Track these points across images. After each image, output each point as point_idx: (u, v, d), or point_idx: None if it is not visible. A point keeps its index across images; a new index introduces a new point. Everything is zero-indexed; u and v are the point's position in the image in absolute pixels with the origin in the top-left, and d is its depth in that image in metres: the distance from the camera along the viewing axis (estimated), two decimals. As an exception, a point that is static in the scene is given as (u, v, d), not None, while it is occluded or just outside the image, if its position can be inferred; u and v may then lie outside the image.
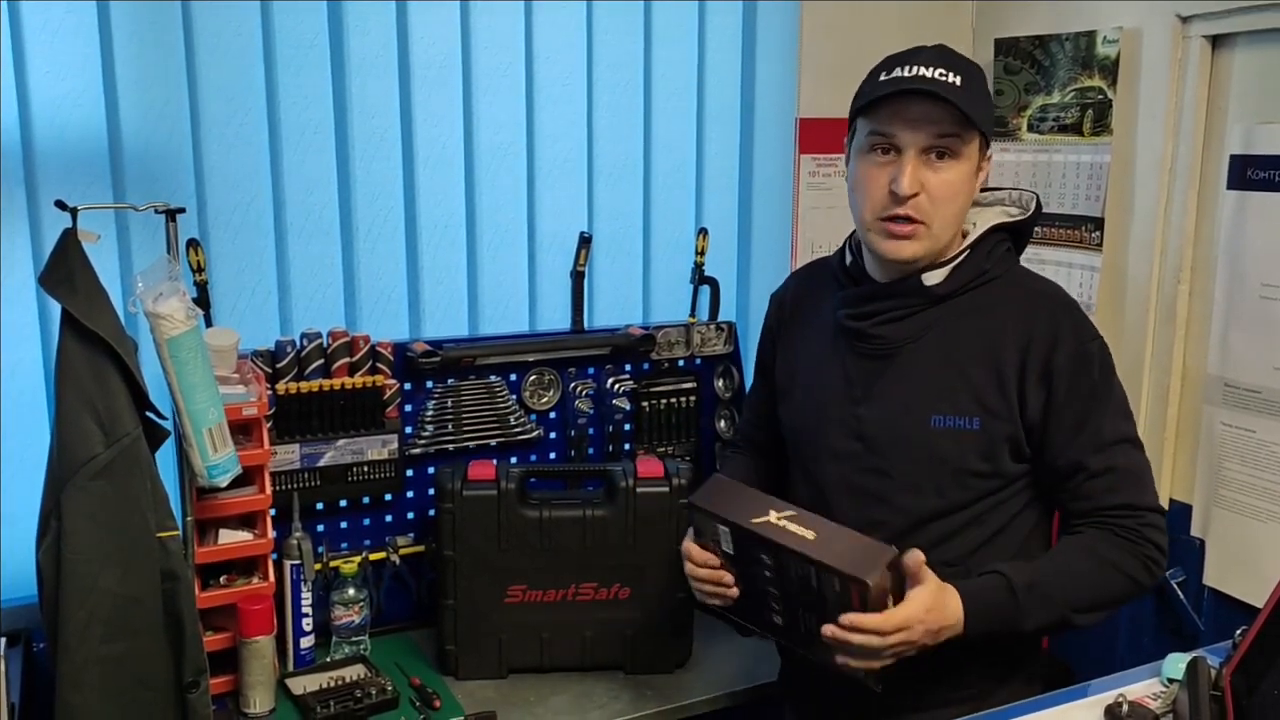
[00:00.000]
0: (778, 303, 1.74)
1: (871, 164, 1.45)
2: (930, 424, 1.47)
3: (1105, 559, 1.42)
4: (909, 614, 1.33)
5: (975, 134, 1.44)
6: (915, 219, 1.42)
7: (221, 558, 1.81)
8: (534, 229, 2.23)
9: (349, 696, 1.81)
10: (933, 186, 1.42)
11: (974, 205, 1.55)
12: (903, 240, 1.44)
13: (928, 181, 1.42)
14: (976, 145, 1.46)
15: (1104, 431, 1.44)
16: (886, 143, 1.43)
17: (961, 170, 1.44)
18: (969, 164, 1.45)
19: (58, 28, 1.78)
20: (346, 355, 2.01)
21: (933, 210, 1.43)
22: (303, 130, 1.99)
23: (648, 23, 2.25)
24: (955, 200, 1.45)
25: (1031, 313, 1.46)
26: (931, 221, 1.43)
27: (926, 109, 1.40)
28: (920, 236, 1.44)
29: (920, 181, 1.41)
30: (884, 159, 1.44)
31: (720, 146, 2.37)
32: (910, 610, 1.33)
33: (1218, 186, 1.98)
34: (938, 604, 1.36)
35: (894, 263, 1.47)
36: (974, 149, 1.45)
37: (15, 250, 1.79)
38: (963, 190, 1.45)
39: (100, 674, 1.50)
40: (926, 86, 1.39)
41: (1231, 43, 1.96)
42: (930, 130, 1.41)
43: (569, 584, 1.94)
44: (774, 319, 1.74)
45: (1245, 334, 1.93)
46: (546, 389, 2.23)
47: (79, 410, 1.49)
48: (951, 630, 1.37)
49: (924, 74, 1.40)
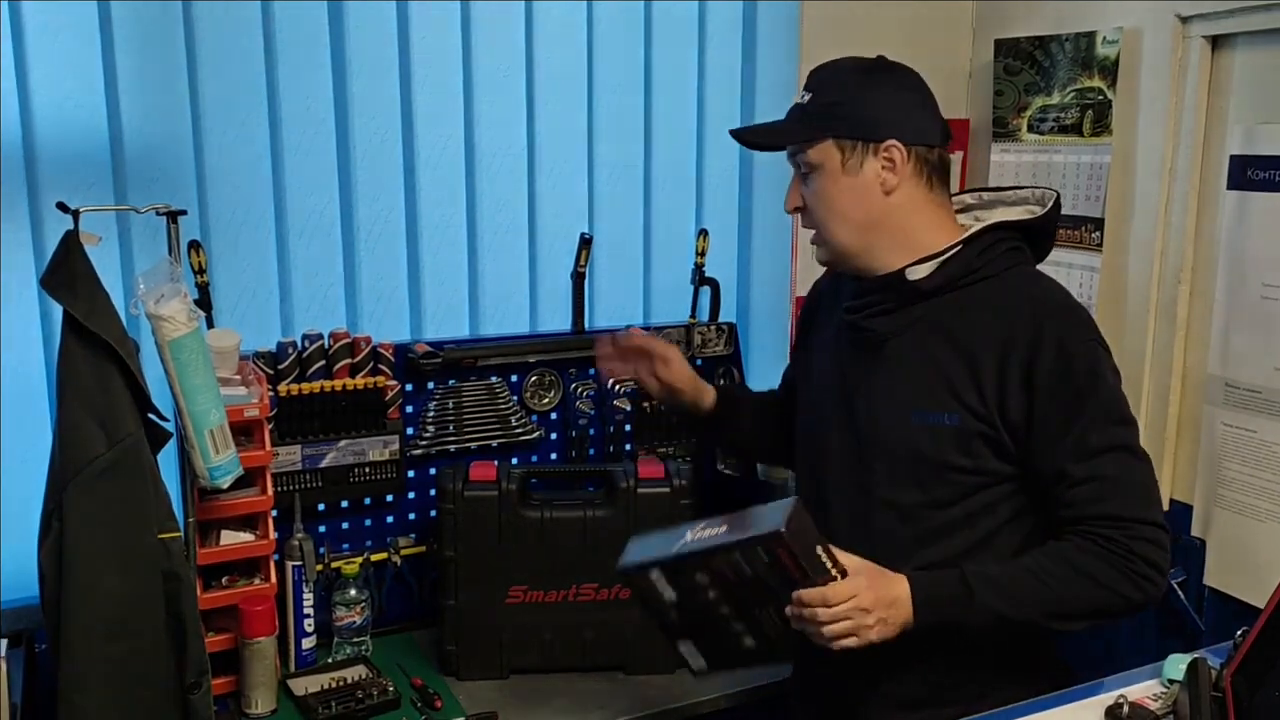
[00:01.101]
0: (816, 288, 1.79)
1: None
2: (911, 418, 1.48)
3: (1079, 567, 1.39)
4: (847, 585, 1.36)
5: (824, 141, 1.48)
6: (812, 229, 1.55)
7: (223, 559, 1.81)
8: (535, 230, 2.23)
9: (350, 697, 1.81)
10: (806, 199, 1.53)
11: (1000, 205, 1.56)
12: (815, 245, 1.57)
13: (804, 195, 1.53)
14: (829, 150, 1.48)
15: (1089, 439, 1.40)
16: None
17: (824, 179, 1.49)
18: (827, 171, 1.49)
19: (59, 28, 1.78)
20: (348, 356, 2.01)
21: (813, 221, 1.53)
22: (304, 131, 1.99)
23: (648, 22, 2.25)
24: (824, 208, 1.51)
25: (1015, 317, 1.45)
26: (818, 229, 1.53)
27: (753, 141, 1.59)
28: (819, 243, 1.55)
29: (800, 197, 1.53)
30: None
31: (721, 147, 2.37)
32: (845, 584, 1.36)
33: (1218, 187, 1.98)
34: (872, 567, 1.40)
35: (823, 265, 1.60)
36: (826, 155, 1.48)
37: (17, 252, 1.79)
38: (835, 196, 1.49)
39: (102, 675, 1.50)
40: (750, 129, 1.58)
41: (1232, 43, 1.96)
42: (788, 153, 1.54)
43: (570, 585, 1.94)
44: (806, 305, 1.80)
45: (1246, 334, 1.93)
46: (547, 390, 2.24)
47: (81, 412, 1.49)
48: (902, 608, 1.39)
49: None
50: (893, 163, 1.48)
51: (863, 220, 1.50)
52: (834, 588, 1.36)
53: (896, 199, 1.49)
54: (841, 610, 1.36)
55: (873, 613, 1.37)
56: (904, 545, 1.49)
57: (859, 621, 1.37)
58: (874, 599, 1.38)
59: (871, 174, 1.48)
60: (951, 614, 1.41)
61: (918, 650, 1.44)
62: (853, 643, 1.38)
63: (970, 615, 1.40)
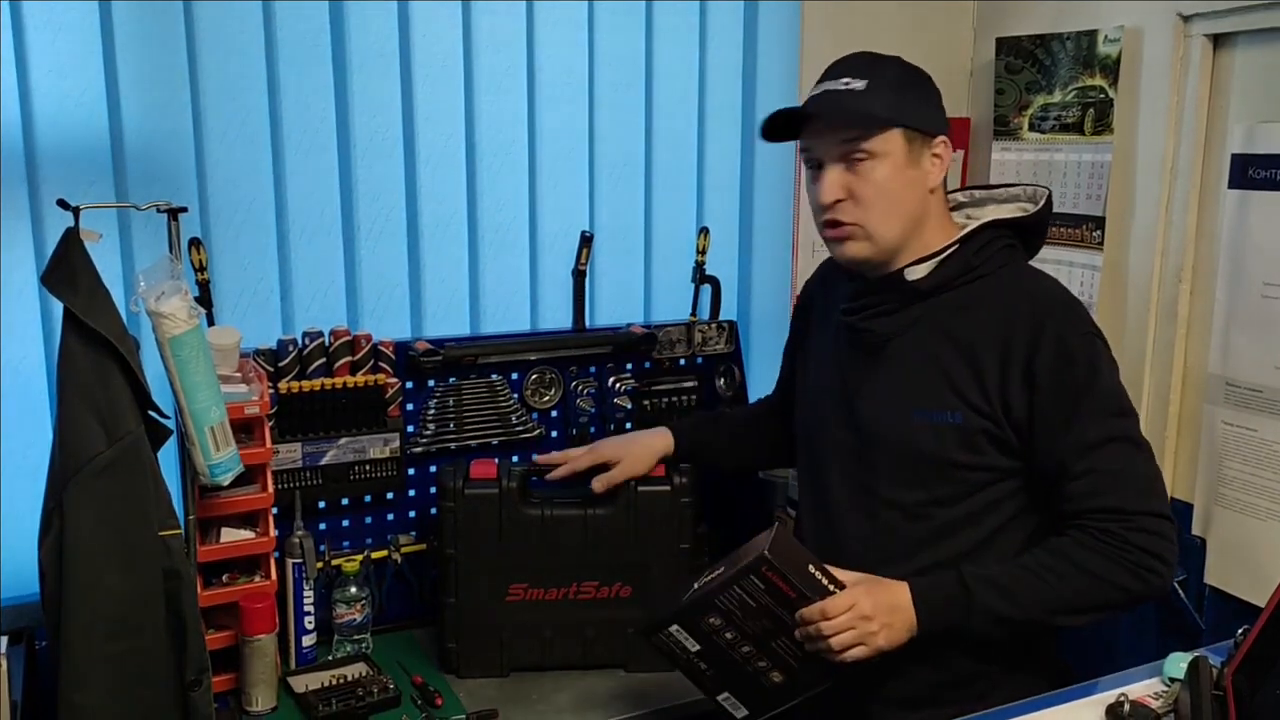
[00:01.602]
0: (808, 289, 1.79)
1: (808, 179, 1.53)
2: (913, 417, 1.48)
3: (1078, 562, 1.40)
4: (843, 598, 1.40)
5: (891, 130, 1.45)
6: (845, 223, 1.48)
7: (223, 556, 1.81)
8: (535, 228, 2.23)
9: (351, 695, 1.81)
10: (857, 190, 1.46)
11: (990, 203, 1.56)
12: (845, 242, 1.49)
13: (852, 186, 1.46)
14: (898, 140, 1.46)
15: (1088, 433, 1.41)
16: (811, 158, 1.50)
17: (885, 168, 1.46)
18: (892, 160, 1.46)
19: (59, 26, 1.77)
20: (348, 354, 2.01)
21: (863, 213, 1.47)
22: (305, 129, 1.99)
23: (649, 21, 2.25)
24: (885, 199, 1.46)
25: (1014, 313, 1.46)
26: (865, 223, 1.47)
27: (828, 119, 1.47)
28: (857, 237, 1.48)
29: (843, 188, 1.47)
30: (815, 173, 1.51)
31: (722, 145, 2.37)
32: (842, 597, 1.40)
33: (1219, 185, 1.98)
34: (869, 578, 1.43)
35: (850, 263, 1.52)
36: (893, 144, 1.46)
37: (17, 249, 1.79)
38: (894, 187, 1.46)
39: (103, 672, 1.50)
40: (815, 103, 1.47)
41: (1233, 42, 1.96)
42: (835, 138, 1.46)
43: (570, 583, 1.94)
44: (801, 302, 1.80)
45: (1246, 333, 1.93)
46: (548, 388, 2.23)
47: (81, 409, 1.49)
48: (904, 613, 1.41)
49: (829, 87, 1.48)
50: (940, 159, 1.50)
51: (911, 214, 1.49)
52: (831, 601, 1.39)
53: (934, 196, 1.52)
54: (843, 621, 1.38)
55: (875, 619, 1.39)
56: (909, 544, 1.49)
57: (863, 629, 1.38)
58: (873, 605, 1.39)
59: (925, 168, 1.49)
60: (953, 616, 1.42)
61: (919, 651, 1.45)
62: (861, 652, 1.40)
63: (972, 617, 1.41)
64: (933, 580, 1.44)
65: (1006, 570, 1.43)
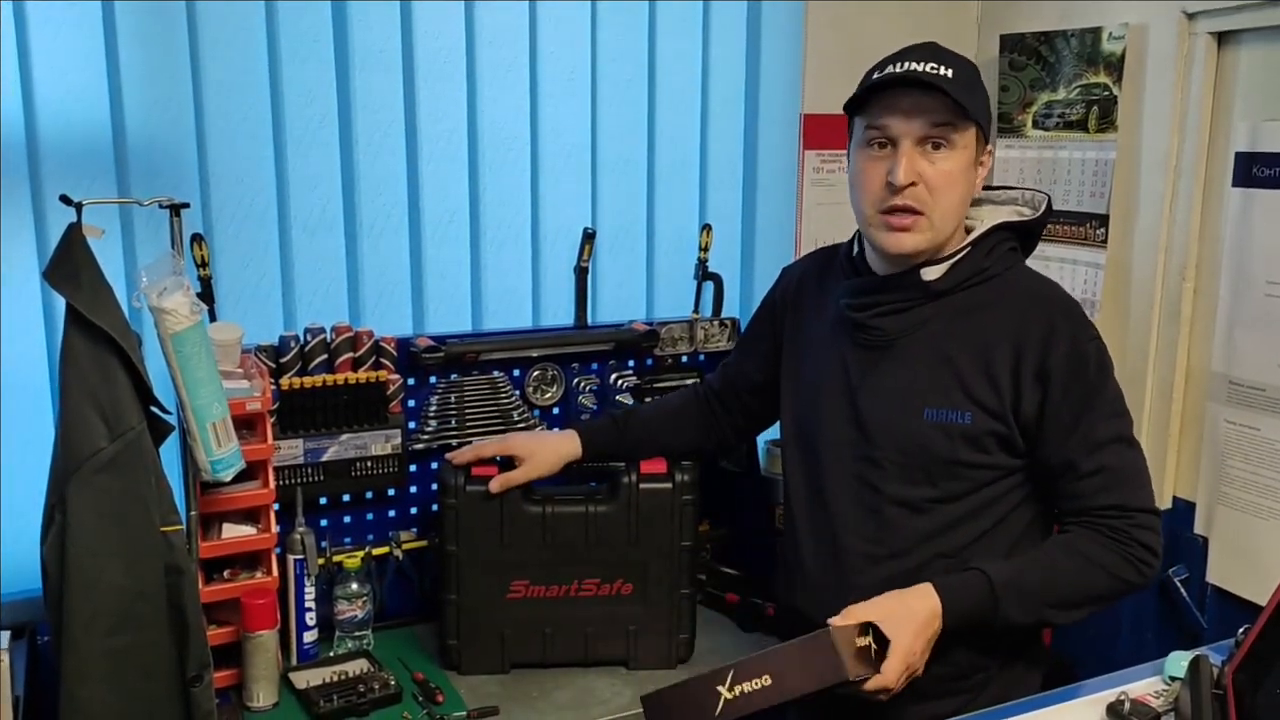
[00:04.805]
0: (789, 277, 1.76)
1: (869, 158, 1.47)
2: (923, 416, 1.49)
3: (1090, 558, 1.44)
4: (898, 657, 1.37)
5: (970, 125, 1.45)
6: (914, 209, 1.44)
7: (225, 552, 1.81)
8: (538, 224, 2.23)
9: (352, 691, 1.81)
10: (930, 176, 1.44)
11: (987, 204, 1.57)
12: (902, 233, 1.46)
13: (924, 172, 1.43)
14: (973, 136, 1.46)
15: (1097, 432, 1.44)
16: (882, 136, 1.45)
17: (958, 160, 1.45)
18: (966, 155, 1.46)
19: (62, 22, 1.77)
20: (350, 350, 2.01)
21: (931, 201, 1.44)
22: (307, 125, 1.99)
23: (652, 17, 2.25)
24: (953, 191, 1.45)
25: (1026, 314, 1.47)
26: (930, 212, 1.45)
27: (918, 100, 1.42)
28: (920, 228, 1.45)
29: (917, 172, 1.43)
30: (881, 153, 1.46)
31: (724, 142, 2.37)
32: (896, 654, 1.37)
33: (1223, 184, 1.97)
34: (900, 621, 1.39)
35: (895, 256, 1.49)
36: (970, 140, 1.46)
37: (20, 245, 1.79)
38: (960, 181, 1.46)
39: (104, 667, 1.50)
40: (917, 78, 1.41)
41: (1237, 39, 1.95)
42: (923, 120, 1.42)
43: (571, 580, 1.94)
44: (780, 292, 1.76)
45: (1250, 331, 1.93)
46: (550, 385, 2.23)
47: (83, 404, 1.49)
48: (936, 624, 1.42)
49: (915, 68, 1.42)
50: (983, 165, 1.52)
51: (962, 212, 1.51)
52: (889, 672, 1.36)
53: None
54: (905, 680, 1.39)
55: (920, 650, 1.41)
56: (912, 538, 1.51)
57: (915, 665, 1.41)
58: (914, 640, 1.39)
59: (980, 171, 1.51)
60: (976, 619, 1.44)
61: None
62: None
63: (994, 618, 1.44)
64: (961, 586, 1.44)
65: (1027, 573, 1.45)
